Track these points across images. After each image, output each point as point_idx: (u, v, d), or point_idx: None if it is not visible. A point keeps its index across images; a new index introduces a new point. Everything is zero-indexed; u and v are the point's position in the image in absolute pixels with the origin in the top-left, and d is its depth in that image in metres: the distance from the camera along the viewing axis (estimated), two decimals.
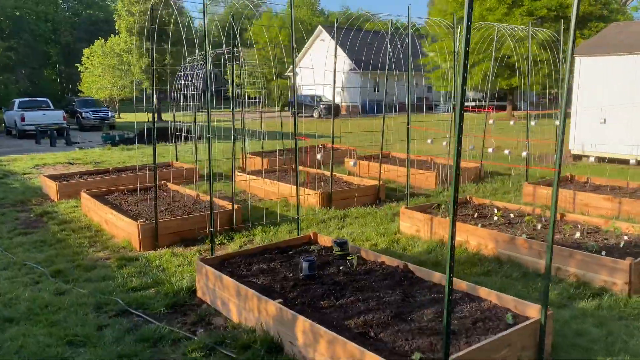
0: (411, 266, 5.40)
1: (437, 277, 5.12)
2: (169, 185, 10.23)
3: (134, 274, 6.28)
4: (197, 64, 15.63)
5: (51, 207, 9.84)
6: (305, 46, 44.63)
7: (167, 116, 40.62)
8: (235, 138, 16.87)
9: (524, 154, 10.16)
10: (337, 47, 36.69)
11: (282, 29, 63.76)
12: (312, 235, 6.57)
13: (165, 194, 9.57)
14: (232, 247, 7.26)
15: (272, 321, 4.49)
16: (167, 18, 35.75)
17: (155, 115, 36.65)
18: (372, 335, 4.10)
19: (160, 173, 11.46)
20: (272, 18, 66.79)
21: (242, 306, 4.88)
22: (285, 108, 43.34)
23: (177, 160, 13.78)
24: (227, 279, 5.08)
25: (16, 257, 7.05)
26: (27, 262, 6.83)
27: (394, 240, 7.28)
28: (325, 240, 6.43)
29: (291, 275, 5.38)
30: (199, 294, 5.63)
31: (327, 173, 11.31)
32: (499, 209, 7.76)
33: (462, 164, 11.86)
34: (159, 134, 22.02)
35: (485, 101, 14.45)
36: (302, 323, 4.14)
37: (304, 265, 5.23)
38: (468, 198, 8.43)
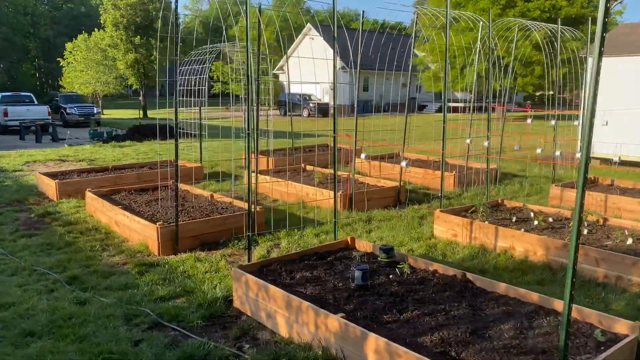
0: (470, 275, 5.00)
1: (503, 287, 4.74)
2: (180, 185, 9.67)
3: (159, 282, 5.79)
4: (190, 60, 15.13)
5: (52, 207, 9.25)
6: (295, 43, 44.12)
7: (152, 113, 39.82)
8: (238, 136, 16.37)
9: (539, 151, 9.80)
10: (326, 43, 36.22)
11: (268, 25, 63.33)
12: (349, 240, 6.14)
13: (174, 194, 9.02)
14: (258, 252, 6.79)
15: (333, 337, 4.05)
16: (154, 13, 34.92)
17: (140, 112, 35.57)
18: (453, 355, 3.70)
19: (162, 172, 10.94)
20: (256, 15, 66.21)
21: (292, 319, 4.43)
22: (274, 107, 42.84)
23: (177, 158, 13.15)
24: (274, 289, 4.63)
25: (24, 261, 6.49)
26: (37, 267, 6.28)
27: (430, 245, 6.89)
28: (364, 245, 6.00)
29: (341, 284, 4.94)
30: (237, 303, 5.16)
31: (341, 173, 10.89)
32: (535, 212, 7.42)
33: (478, 166, 11.56)
34: (150, 132, 21.50)
35: (485, 102, 14.13)
36: (375, 341, 3.71)
37: (357, 274, 4.80)
38: (500, 201, 8.09)
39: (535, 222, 6.94)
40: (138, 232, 7.11)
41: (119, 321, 4.81)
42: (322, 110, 39.29)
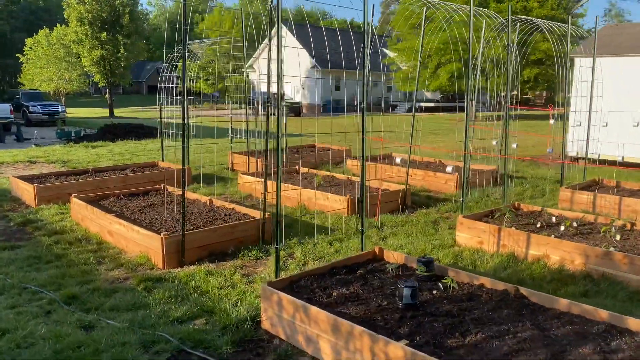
0: (524, 290, 4.60)
1: (564, 304, 4.35)
2: (170, 189, 9.05)
3: (171, 300, 5.20)
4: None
5: (32, 214, 8.48)
6: (265, 41, 43.34)
7: (119, 112, 38.55)
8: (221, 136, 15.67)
9: (549, 150, 9.55)
10: (297, 41, 35.68)
11: (235, 24, 62.39)
12: (377, 251, 5.67)
13: (170, 200, 8.41)
14: (270, 264, 6.25)
15: None
16: (121, 8, 33.74)
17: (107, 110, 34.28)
18: None
19: (148, 175, 10.28)
20: (225, 13, 65.13)
21: (341, 345, 3.93)
22: (242, 106, 42.06)
23: (162, 159, 12.46)
24: (316, 310, 4.12)
25: (10, 278, 5.80)
26: (27, 284, 5.61)
27: (454, 254, 6.48)
28: (394, 256, 5.55)
29: (386, 303, 4.47)
30: (266, 325, 4.63)
31: (340, 176, 10.43)
32: (556, 216, 7.11)
33: (475, 167, 11.26)
34: (122, 131, 20.59)
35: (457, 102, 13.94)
36: None
37: (405, 292, 4.33)
38: (517, 205, 7.76)
39: (562, 228, 6.62)
40: (137, 242, 6.47)
41: (136, 350, 4.22)
42: (294, 109, 38.76)
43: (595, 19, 12.22)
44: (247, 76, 45.59)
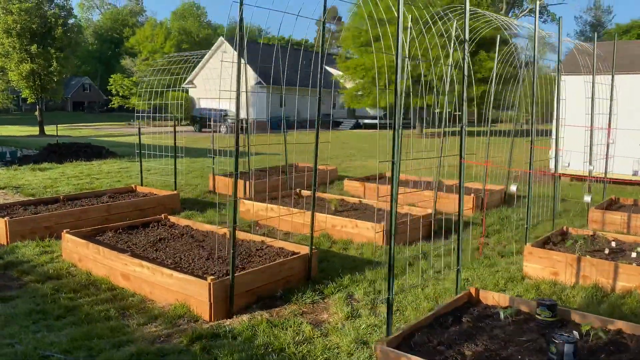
0: None
1: None
2: (172, 219, 7.92)
3: None
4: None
5: (9, 254, 7.11)
6: (205, 57, 42.00)
7: (49, 130, 35.77)
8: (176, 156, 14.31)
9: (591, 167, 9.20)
10: (241, 58, 34.98)
11: (168, 39, 60.43)
12: (472, 292, 4.93)
13: (176, 232, 7.30)
14: (334, 309, 5.37)
15: None
16: (52, 20, 31.50)
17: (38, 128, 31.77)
18: None
19: (133, 203, 9.12)
20: (156, 27, 63.07)
21: None
22: (184, 123, 40.38)
23: (142, 184, 11.17)
24: None
25: (20, 342, 4.59)
26: (46, 351, 4.44)
27: (531, 287, 5.85)
28: (494, 298, 4.83)
29: None
30: None
31: (350, 199, 9.65)
32: (617, 241, 6.68)
33: (479, 186, 10.83)
34: (69, 151, 18.83)
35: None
36: None
37: (567, 348, 3.62)
38: (565, 229, 7.28)
39: (634, 255, 6.16)
40: (169, 288, 5.39)
41: None
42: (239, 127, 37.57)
43: (615, 36, 12.25)
44: (187, 92, 43.87)
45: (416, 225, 7.86)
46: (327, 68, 46.67)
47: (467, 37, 4.69)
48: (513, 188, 6.43)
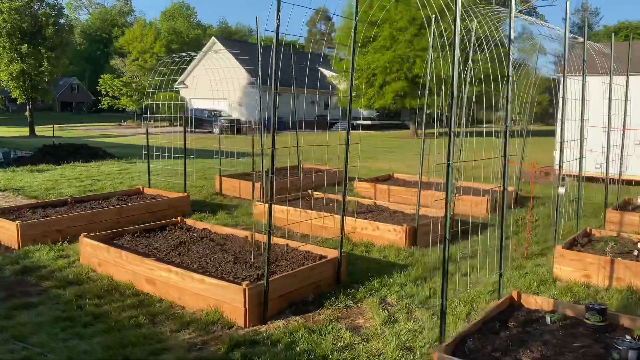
0: None
1: None
2: (189, 222, 7.77)
3: None
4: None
5: (23, 258, 6.91)
6: (198, 57, 41.70)
7: (39, 130, 35.30)
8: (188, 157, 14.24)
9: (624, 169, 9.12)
10: (234, 59, 34.60)
11: (158, 39, 59.94)
12: (515, 296, 4.85)
13: (195, 235, 7.15)
14: (368, 314, 5.26)
15: None
16: (43, 19, 31.07)
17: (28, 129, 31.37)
18: None
19: (145, 205, 8.97)
20: (146, 27, 62.55)
21: None
22: (175, 124, 40.00)
23: (149, 185, 10.97)
24: None
25: (51, 352, 4.44)
26: None
27: (564, 290, 5.80)
28: (535, 302, 4.76)
29: None
30: None
31: (365, 201, 9.54)
32: (635, 242, 6.65)
33: (496, 188, 10.79)
34: (66, 153, 18.55)
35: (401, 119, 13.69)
36: None
37: (631, 354, 3.54)
38: (588, 230, 7.24)
39: None
40: (200, 294, 5.25)
41: None
42: (232, 127, 37.32)
43: (630, 37, 12.24)
44: (178, 92, 43.53)
45: (440, 226, 7.78)
46: (321, 69, 46.59)
47: (512, 35, 4.60)
48: (562, 190, 6.36)
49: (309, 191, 10.25)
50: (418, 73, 31.69)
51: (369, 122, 41.97)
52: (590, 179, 11.89)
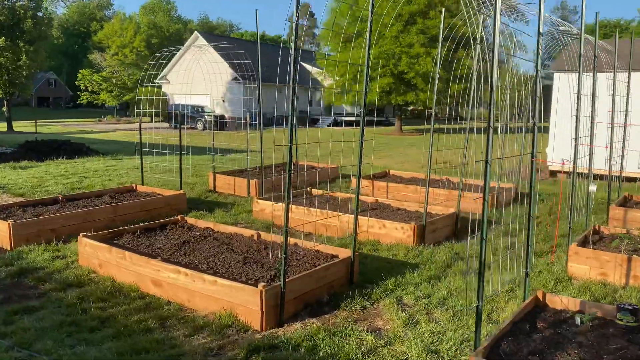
0: None
1: None
2: (190, 220, 7.53)
3: None
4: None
5: (16, 259, 6.60)
6: (180, 52, 41.10)
7: (17, 126, 34.41)
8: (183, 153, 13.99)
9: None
10: (219, 54, 34.19)
11: (137, 33, 58.97)
12: (540, 296, 4.74)
13: (197, 234, 6.92)
14: (388, 316, 5.10)
15: None
16: (21, 11, 30.27)
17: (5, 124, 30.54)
18: None
19: (140, 203, 8.70)
20: (125, 21, 61.49)
21: None
22: (157, 119, 39.36)
23: (142, 183, 10.66)
24: None
25: (58, 359, 4.18)
26: None
27: (582, 289, 5.71)
28: (562, 302, 4.64)
29: None
30: None
31: (367, 199, 9.38)
32: None
33: (494, 185, 10.72)
34: (49, 149, 18.07)
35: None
36: None
37: None
38: (597, 227, 7.18)
39: None
40: (211, 296, 5.04)
41: None
42: (217, 122, 36.88)
43: (632, 35, 12.20)
44: (160, 87, 42.85)
45: (446, 224, 7.67)
46: (304, 65, 46.30)
47: (541, 29, 4.46)
48: (593, 188, 6.27)
49: (309, 188, 10.06)
50: (404, 69, 31.67)
51: (352, 118, 41.78)
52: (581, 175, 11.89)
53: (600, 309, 4.44)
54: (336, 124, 44.51)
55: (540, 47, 4.41)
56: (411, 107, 51.78)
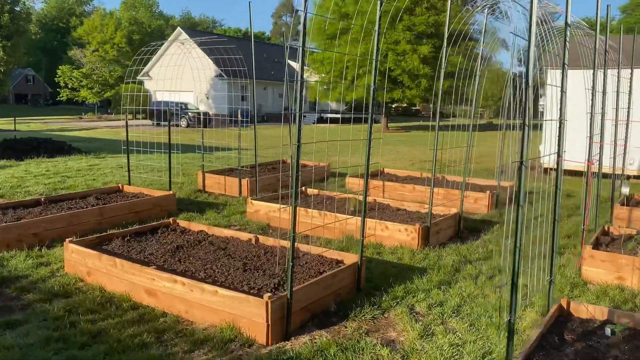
0: None
1: None
2: (182, 223, 7.14)
3: None
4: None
5: None
6: (163, 48, 40.34)
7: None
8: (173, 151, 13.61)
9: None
10: (200, 50, 33.51)
11: (118, 29, 58.00)
12: (564, 305, 4.46)
13: (191, 238, 6.54)
14: (400, 327, 4.79)
15: None
16: None
17: None
18: None
19: (127, 205, 8.30)
20: (106, 17, 60.41)
21: None
22: (138, 116, 38.63)
23: (129, 183, 10.21)
24: None
25: None
26: None
27: (600, 294, 5.45)
28: (587, 311, 4.37)
29: None
30: None
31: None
32: None
33: (483, 182, 10.52)
34: (28, 147, 17.46)
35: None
36: None
37: None
38: (607, 229, 6.95)
39: None
40: (211, 307, 4.68)
41: None
42: (200, 119, 36.34)
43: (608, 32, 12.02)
44: (142, 84, 42.18)
45: (449, 225, 7.39)
46: (290, 62, 45.87)
47: (568, 19, 4.17)
48: (625, 190, 6.01)
49: (303, 188, 9.71)
50: (390, 66, 31.42)
51: (338, 115, 41.49)
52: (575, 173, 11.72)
53: (629, 318, 4.18)
54: (321, 120, 44.22)
55: (567, 39, 4.11)
56: (395, 105, 51.70)
